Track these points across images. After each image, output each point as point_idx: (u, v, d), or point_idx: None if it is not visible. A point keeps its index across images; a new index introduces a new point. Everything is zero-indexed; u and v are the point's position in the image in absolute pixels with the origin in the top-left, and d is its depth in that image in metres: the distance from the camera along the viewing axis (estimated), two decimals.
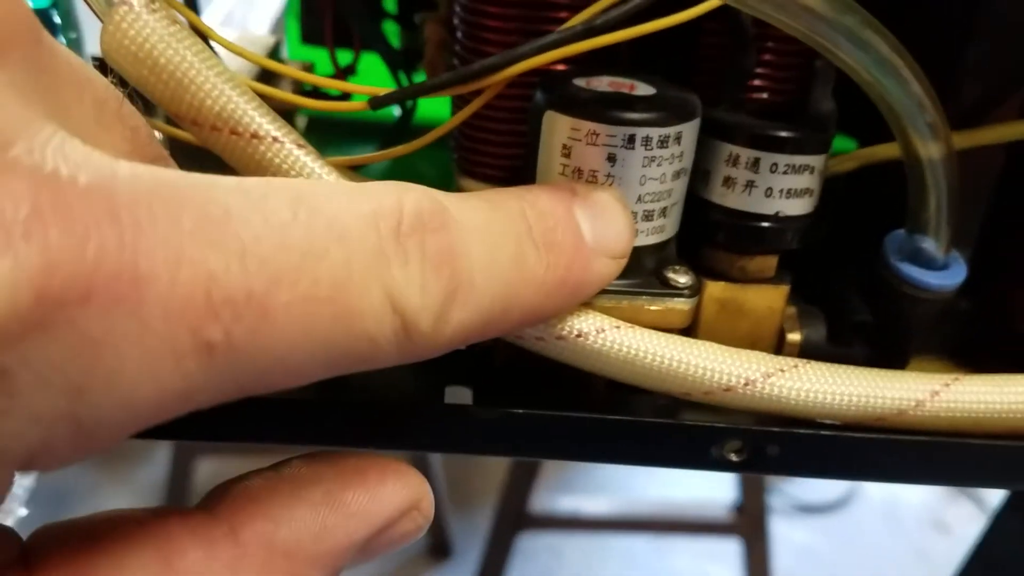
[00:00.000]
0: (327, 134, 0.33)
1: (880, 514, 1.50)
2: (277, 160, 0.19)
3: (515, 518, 1.12)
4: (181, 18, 0.19)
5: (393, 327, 0.14)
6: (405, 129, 0.30)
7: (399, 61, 0.31)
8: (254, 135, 0.19)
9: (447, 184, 0.21)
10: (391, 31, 0.33)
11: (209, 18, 0.54)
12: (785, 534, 1.37)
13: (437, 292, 0.15)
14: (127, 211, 0.11)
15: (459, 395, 0.23)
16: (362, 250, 0.14)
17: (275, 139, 0.19)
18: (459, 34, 0.24)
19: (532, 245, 0.17)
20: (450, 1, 0.25)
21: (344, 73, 0.31)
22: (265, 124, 0.19)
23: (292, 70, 0.21)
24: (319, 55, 0.34)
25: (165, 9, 0.19)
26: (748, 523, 1.16)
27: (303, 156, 0.19)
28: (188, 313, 0.12)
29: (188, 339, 0.12)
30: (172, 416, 0.13)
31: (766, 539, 1.16)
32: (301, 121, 0.32)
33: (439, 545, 1.27)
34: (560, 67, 0.23)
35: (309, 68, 0.30)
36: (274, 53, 0.31)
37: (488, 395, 0.22)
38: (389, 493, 0.17)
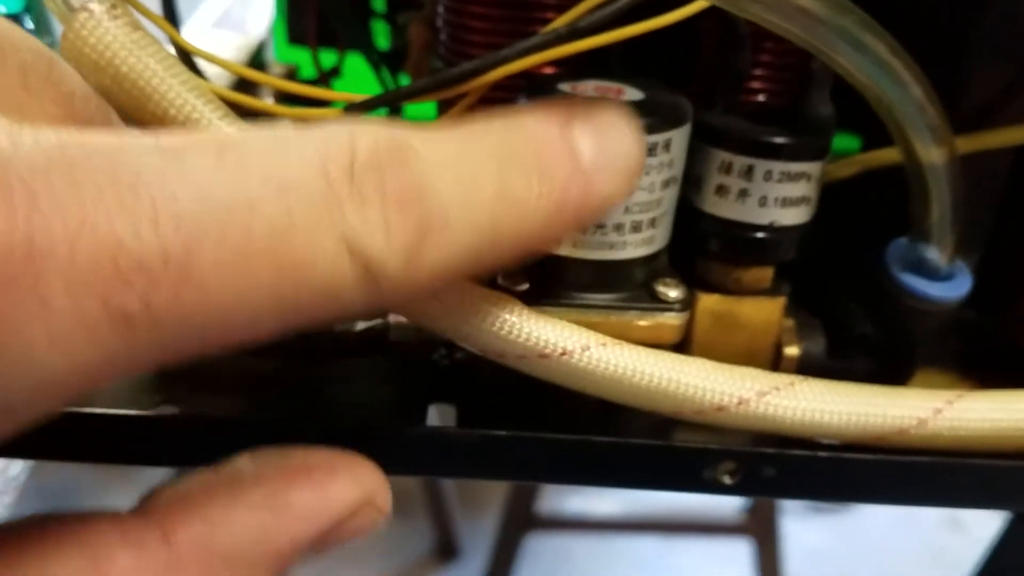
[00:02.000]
0: None
1: (893, 513, 1.48)
2: None
3: (523, 519, 1.11)
4: (145, 22, 0.19)
5: (355, 274, 0.13)
6: None
7: (383, 62, 0.30)
8: None
9: None
10: (380, 30, 0.32)
11: (205, 16, 0.53)
12: (797, 534, 1.35)
13: (404, 233, 0.13)
14: (21, 184, 0.11)
15: (444, 413, 0.22)
16: (306, 197, 0.13)
17: None
18: (443, 35, 0.24)
19: (519, 172, 0.15)
20: (435, 1, 0.24)
21: (329, 75, 0.30)
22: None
23: (267, 78, 0.21)
24: (306, 56, 0.33)
25: (127, 15, 0.18)
26: (758, 523, 1.15)
27: None
28: (94, 284, 0.11)
29: (99, 310, 0.11)
30: (104, 384, 0.12)
31: (777, 540, 1.15)
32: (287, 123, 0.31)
33: (446, 546, 1.27)
34: (550, 69, 0.22)
35: (293, 71, 0.29)
36: (257, 55, 0.30)
37: (474, 414, 0.22)
38: (339, 490, 0.16)
